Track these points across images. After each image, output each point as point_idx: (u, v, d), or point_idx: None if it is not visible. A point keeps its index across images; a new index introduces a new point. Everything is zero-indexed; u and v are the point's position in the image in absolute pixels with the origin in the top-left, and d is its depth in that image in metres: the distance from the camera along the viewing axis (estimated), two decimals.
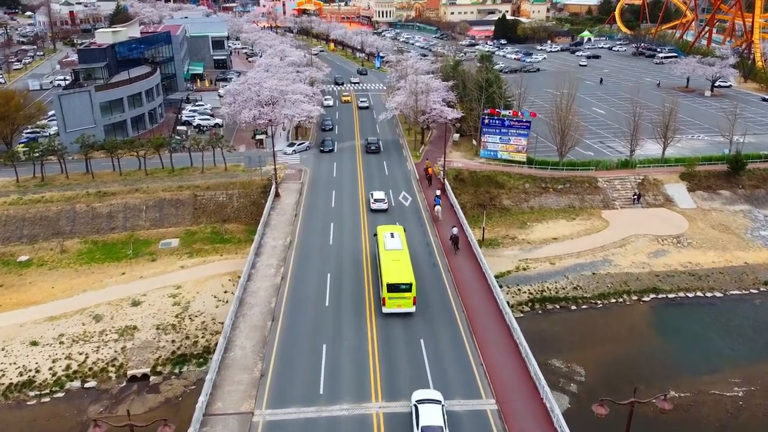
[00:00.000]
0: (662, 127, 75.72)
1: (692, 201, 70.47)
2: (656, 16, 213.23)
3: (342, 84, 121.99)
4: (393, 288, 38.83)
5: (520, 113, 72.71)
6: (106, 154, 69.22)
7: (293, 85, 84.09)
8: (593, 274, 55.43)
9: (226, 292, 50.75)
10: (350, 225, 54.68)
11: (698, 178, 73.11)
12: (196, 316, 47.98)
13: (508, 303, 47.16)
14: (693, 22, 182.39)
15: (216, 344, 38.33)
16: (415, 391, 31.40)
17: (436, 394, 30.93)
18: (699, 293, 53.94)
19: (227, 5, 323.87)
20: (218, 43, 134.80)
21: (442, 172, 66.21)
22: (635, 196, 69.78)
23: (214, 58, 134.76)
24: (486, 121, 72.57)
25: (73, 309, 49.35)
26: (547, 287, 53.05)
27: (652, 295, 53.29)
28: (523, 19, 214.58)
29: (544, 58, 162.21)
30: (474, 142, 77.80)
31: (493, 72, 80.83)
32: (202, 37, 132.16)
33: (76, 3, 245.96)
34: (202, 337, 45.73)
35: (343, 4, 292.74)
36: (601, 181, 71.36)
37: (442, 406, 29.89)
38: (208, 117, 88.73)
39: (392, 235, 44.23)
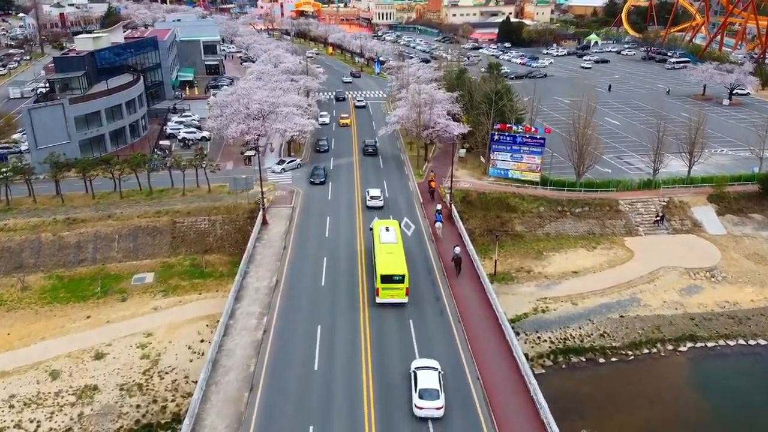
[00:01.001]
0: (688, 142, 69.28)
1: (722, 226, 64.01)
2: (663, 19, 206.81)
3: (343, 99, 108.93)
4: (387, 279, 40.51)
5: (533, 129, 66.30)
6: (78, 174, 62.71)
7: (286, 96, 77.67)
8: (621, 317, 48.97)
9: (202, 341, 44.29)
10: (346, 261, 48.21)
11: (727, 200, 66.70)
12: (167, 373, 41.52)
13: (527, 356, 40.89)
14: (703, 25, 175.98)
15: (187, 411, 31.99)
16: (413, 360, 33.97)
17: (434, 363, 33.55)
18: (741, 341, 47.45)
19: (224, 6, 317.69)
20: (210, 48, 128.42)
21: (448, 195, 59.81)
22: (658, 218, 63.46)
23: (206, 63, 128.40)
24: (495, 137, 66.18)
25: (29, 362, 42.95)
26: (571, 334, 46.58)
27: (689, 344, 46.79)
28: (527, 22, 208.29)
29: (551, 62, 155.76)
30: (482, 159, 71.37)
31: (503, 82, 74.29)
32: (193, 42, 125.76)
33: (68, 5, 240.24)
34: (172, 401, 39.27)
35: (342, 5, 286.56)
36: (623, 203, 64.93)
37: (439, 372, 32.40)
38: (195, 130, 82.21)
39: (387, 229, 46.37)
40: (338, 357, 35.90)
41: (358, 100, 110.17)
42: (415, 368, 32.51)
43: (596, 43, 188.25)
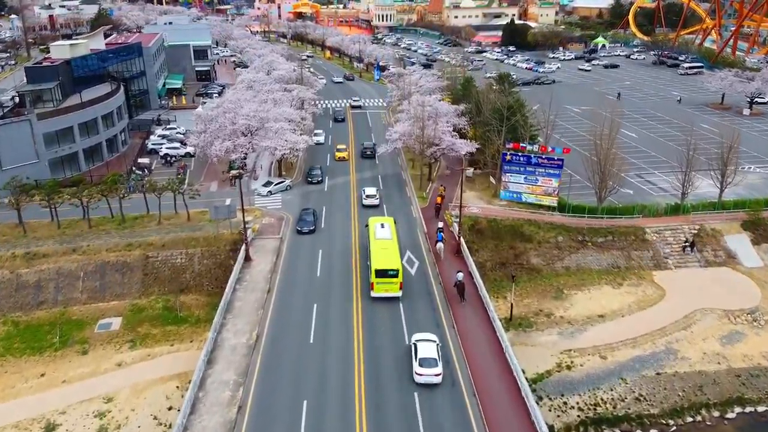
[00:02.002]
0: (718, 161, 62.68)
1: (759, 258, 57.42)
2: (671, 21, 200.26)
3: (343, 120, 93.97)
4: (381, 273, 41.82)
5: (549, 148, 59.79)
6: (42, 200, 56.10)
7: (277, 108, 71.10)
8: (657, 374, 42.43)
9: (170, 408, 37.77)
10: (339, 311, 41.64)
11: (763, 226, 60.21)
12: None
13: (552, 429, 34.39)
14: (713, 28, 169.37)
15: None
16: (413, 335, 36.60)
17: (432, 336, 36.56)
18: None
19: (221, 7, 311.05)
20: (201, 53, 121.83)
21: (455, 224, 53.28)
22: (687, 244, 57.03)
23: (197, 69, 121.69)
24: (508, 157, 59.64)
25: None
26: (602, 398, 40.02)
27: (738, 409, 40.31)
28: (532, 24, 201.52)
29: (558, 67, 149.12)
30: (492, 179, 64.78)
31: (515, 95, 67.65)
32: (182, 47, 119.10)
33: (59, 6, 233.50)
34: None
35: (341, 6, 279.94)
36: (650, 232, 58.37)
37: (437, 344, 35.50)
38: (179, 145, 75.55)
39: (382, 226, 47.68)
40: None
41: (354, 99, 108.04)
42: (416, 340, 36.05)
43: (603, 46, 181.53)
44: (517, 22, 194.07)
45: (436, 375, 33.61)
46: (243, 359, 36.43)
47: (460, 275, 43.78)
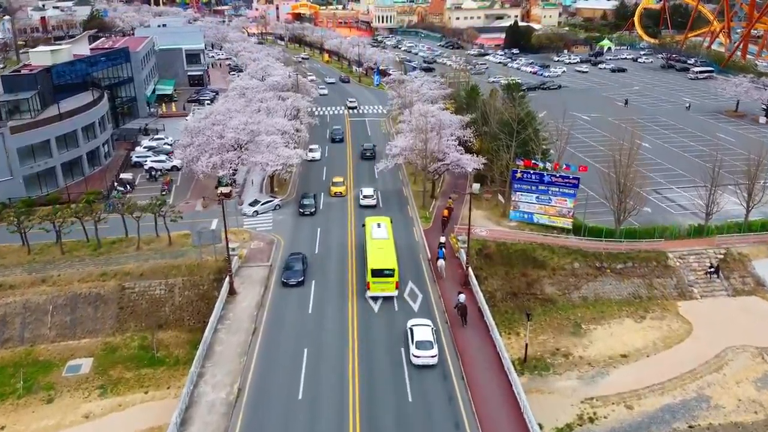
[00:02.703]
0: (744, 177, 58.07)
1: None
2: (677, 23, 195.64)
3: (341, 141, 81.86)
4: (377, 273, 41.99)
5: (563, 165, 55.16)
6: (11, 224, 51.41)
7: (269, 119, 66.45)
8: (690, 427, 37.74)
9: None
10: (335, 356, 36.98)
11: None
12: None
13: None
14: (721, 31, 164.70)
15: None
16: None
17: (427, 321, 38.56)
18: None
19: (218, 8, 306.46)
20: (193, 57, 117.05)
21: (462, 251, 48.64)
22: (712, 270, 52.47)
23: (189, 74, 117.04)
24: (518, 175, 54.99)
25: None
26: None
27: None
28: (535, 26, 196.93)
29: (563, 71, 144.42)
30: (500, 198, 60.07)
31: (525, 106, 62.88)
32: (174, 50, 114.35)
33: (53, 7, 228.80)
34: None
35: (340, 7, 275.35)
36: (672, 257, 53.73)
37: (432, 328, 37.47)
38: (165, 157, 70.83)
39: (379, 225, 47.77)
40: None
41: (350, 99, 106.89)
42: (412, 325, 37.73)
43: (609, 49, 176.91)
44: (520, 24, 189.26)
45: (432, 357, 35.60)
46: (222, 420, 31.75)
47: (462, 297, 41.08)
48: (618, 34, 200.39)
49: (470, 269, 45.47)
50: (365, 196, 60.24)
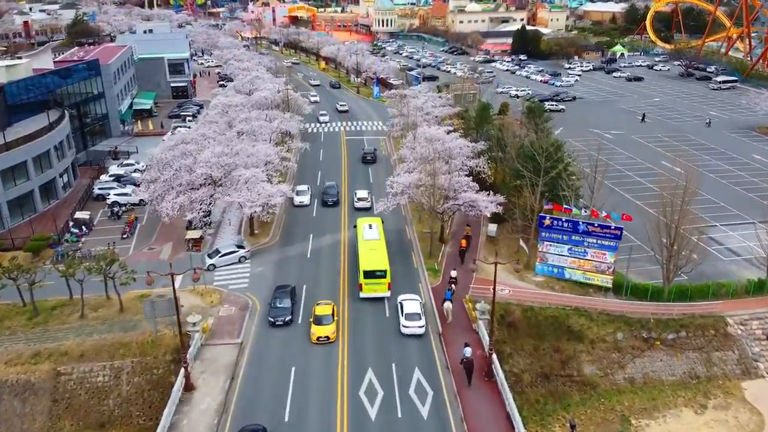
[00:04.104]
0: None
1: None
2: (690, 27, 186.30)
3: (335, 204, 60.69)
4: (369, 274, 42.36)
5: (603, 212, 45.69)
6: None
7: (250, 147, 56.99)
8: None
9: None
10: None
11: None
12: None
13: None
14: (740, 36, 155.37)
15: None
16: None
17: (415, 296, 41.92)
18: None
19: (213, 11, 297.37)
20: (177, 66, 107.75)
21: (482, 326, 39.13)
22: None
23: (172, 85, 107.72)
24: (546, 221, 45.50)
25: None
26: None
27: None
28: (543, 30, 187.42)
29: (576, 79, 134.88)
30: (522, 244, 50.46)
31: (547, 132, 53.35)
32: (155, 60, 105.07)
33: (39, 11, 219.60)
34: None
35: (339, 10, 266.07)
36: (732, 323, 44.29)
37: (420, 302, 41.04)
38: (131, 190, 61.09)
39: (370, 227, 47.85)
40: None
41: (341, 103, 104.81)
42: (402, 300, 40.98)
43: (622, 55, 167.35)
44: (528, 28, 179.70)
45: (420, 327, 38.99)
46: None
47: (468, 351, 35.62)
48: (630, 39, 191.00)
49: (494, 356, 35.76)
50: (359, 199, 59.68)
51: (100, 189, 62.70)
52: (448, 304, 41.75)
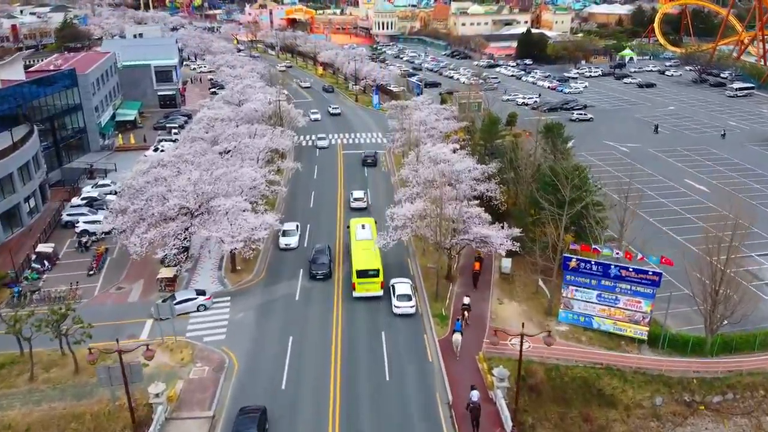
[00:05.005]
0: None
1: None
2: (698, 29, 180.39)
3: (325, 277, 46.53)
4: (362, 274, 42.72)
5: (638, 254, 39.61)
6: None
7: (235, 169, 51.00)
8: None
9: None
10: None
11: None
12: None
13: None
14: (752, 40, 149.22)
15: None
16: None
17: (406, 279, 43.72)
18: None
19: (210, 13, 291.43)
20: (164, 74, 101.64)
21: (500, 396, 33.03)
22: None
23: (159, 93, 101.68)
24: (572, 263, 39.38)
25: None
26: None
27: None
28: (549, 33, 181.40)
29: (585, 86, 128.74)
30: (541, 284, 44.40)
31: (567, 156, 47.24)
32: (141, 67, 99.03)
33: (30, 13, 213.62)
34: None
35: (338, 12, 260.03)
36: None
37: (411, 285, 43.13)
38: (103, 217, 54.70)
39: (363, 227, 48.49)
40: None
41: (333, 107, 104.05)
42: (393, 283, 43.04)
43: (631, 59, 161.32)
44: (533, 31, 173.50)
45: (411, 307, 40.91)
46: None
47: (475, 394, 31.63)
48: (637, 42, 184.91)
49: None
50: (356, 199, 59.82)
51: (68, 215, 56.54)
52: (457, 337, 37.42)
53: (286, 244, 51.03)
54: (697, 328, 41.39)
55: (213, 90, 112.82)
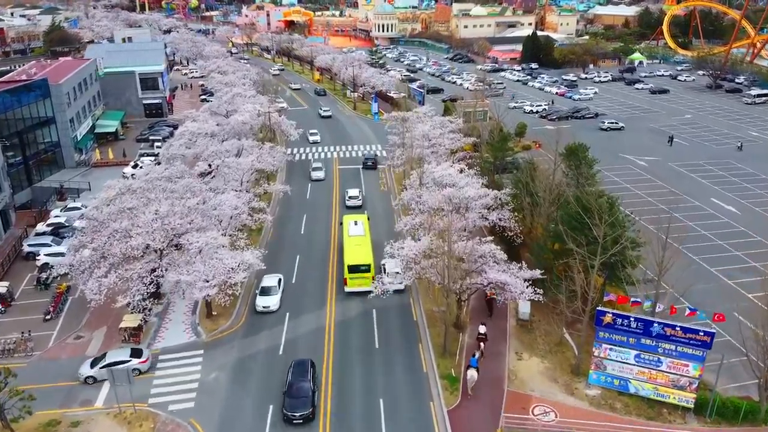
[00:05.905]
0: None
1: None
2: (707, 31, 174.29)
3: (307, 419, 32.11)
4: (354, 269, 43.47)
5: (687, 309, 33.38)
6: None
7: (210, 199, 44.80)
8: None
9: None
10: None
11: None
12: None
13: None
14: (766, 43, 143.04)
15: None
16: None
17: (397, 261, 41.14)
18: None
19: (207, 15, 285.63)
20: (150, 81, 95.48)
21: None
22: None
23: (144, 102, 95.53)
24: (606, 319, 33.10)
25: None
26: None
27: None
28: (554, 35, 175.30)
29: (596, 92, 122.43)
30: (567, 336, 38.13)
31: (594, 186, 41.00)
32: (125, 74, 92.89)
33: (20, 16, 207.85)
34: None
35: (337, 14, 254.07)
36: None
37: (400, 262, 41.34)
38: (67, 249, 48.64)
39: (356, 223, 49.39)
40: None
41: (324, 109, 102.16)
42: (383, 263, 44.55)
43: (641, 63, 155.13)
44: (539, 33, 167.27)
45: (400, 283, 41.24)
46: None
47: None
48: (646, 45, 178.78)
49: None
50: (351, 197, 60.22)
51: (30, 245, 50.32)
52: (472, 373, 33.42)
53: (264, 307, 42.00)
54: (743, 385, 35.40)
55: (204, 97, 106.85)
